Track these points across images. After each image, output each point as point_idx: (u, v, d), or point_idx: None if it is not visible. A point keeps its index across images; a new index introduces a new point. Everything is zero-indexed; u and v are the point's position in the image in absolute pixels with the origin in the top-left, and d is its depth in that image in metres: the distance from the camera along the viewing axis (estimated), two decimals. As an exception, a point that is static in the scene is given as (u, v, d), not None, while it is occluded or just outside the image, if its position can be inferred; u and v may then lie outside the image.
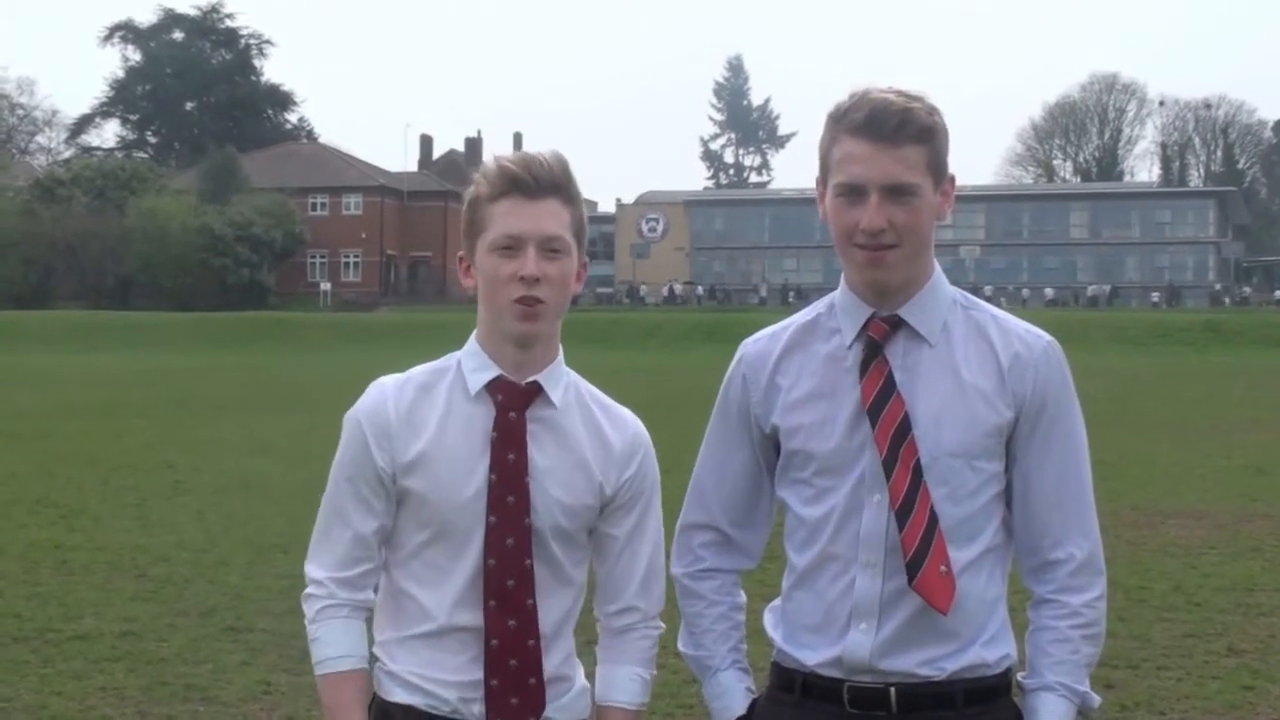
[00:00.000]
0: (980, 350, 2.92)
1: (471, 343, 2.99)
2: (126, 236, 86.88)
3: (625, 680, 3.06)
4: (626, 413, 3.08)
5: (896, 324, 2.92)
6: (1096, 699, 2.95)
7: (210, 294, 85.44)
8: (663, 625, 3.14)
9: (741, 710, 3.04)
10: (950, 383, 2.89)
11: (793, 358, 3.00)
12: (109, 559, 11.55)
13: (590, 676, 3.11)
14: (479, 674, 2.90)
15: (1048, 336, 2.96)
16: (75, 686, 7.78)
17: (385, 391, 2.96)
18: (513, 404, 2.92)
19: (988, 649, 2.89)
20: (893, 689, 2.86)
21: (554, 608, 2.96)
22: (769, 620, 3.07)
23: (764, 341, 3.07)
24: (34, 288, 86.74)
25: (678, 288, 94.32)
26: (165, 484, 16.55)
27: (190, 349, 57.83)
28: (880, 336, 2.91)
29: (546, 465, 2.93)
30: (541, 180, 2.87)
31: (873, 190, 2.81)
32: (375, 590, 3.02)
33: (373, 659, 2.99)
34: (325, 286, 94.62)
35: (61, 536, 12.70)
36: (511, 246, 2.86)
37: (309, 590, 2.97)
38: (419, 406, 2.94)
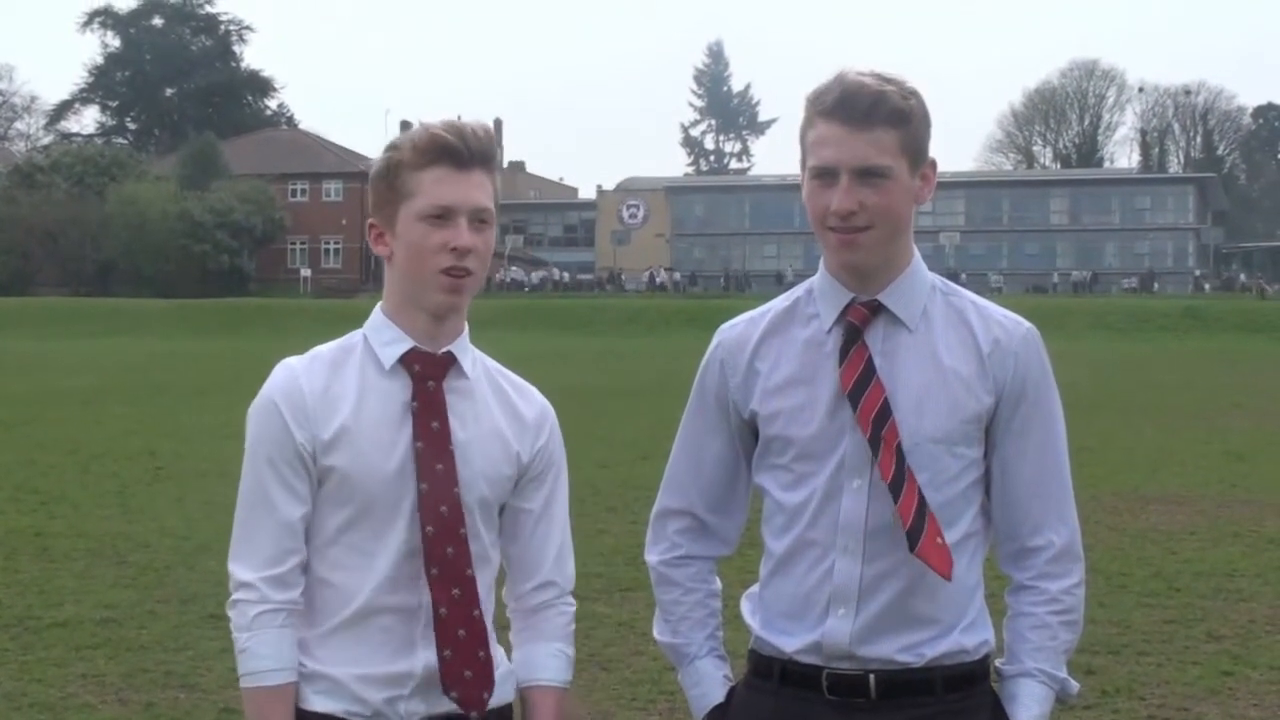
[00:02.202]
0: (960, 336, 2.90)
1: (378, 316, 2.90)
2: (106, 223, 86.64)
3: (548, 658, 2.98)
4: (531, 387, 3.04)
5: (876, 309, 2.90)
6: (1075, 685, 2.95)
7: (190, 281, 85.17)
8: (575, 603, 3.06)
9: (719, 698, 3.02)
10: (930, 368, 2.87)
11: (771, 343, 2.98)
12: (89, 546, 11.53)
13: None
14: (405, 664, 2.81)
15: (1027, 323, 2.94)
16: (55, 674, 7.76)
17: (295, 370, 2.85)
18: (430, 374, 2.85)
19: (967, 635, 2.88)
20: (872, 675, 2.85)
21: (481, 585, 2.87)
22: (746, 607, 3.05)
23: (741, 327, 3.04)
24: (13, 274, 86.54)
25: (659, 275, 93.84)
26: (146, 471, 16.53)
27: (171, 336, 57.75)
28: (860, 321, 2.89)
29: (466, 437, 2.86)
30: (474, 150, 2.81)
31: (843, 172, 2.79)
32: None
33: None
34: (306, 273, 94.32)
35: (42, 524, 12.67)
36: (443, 216, 2.78)
37: (237, 596, 2.80)
38: (332, 384, 2.83)
